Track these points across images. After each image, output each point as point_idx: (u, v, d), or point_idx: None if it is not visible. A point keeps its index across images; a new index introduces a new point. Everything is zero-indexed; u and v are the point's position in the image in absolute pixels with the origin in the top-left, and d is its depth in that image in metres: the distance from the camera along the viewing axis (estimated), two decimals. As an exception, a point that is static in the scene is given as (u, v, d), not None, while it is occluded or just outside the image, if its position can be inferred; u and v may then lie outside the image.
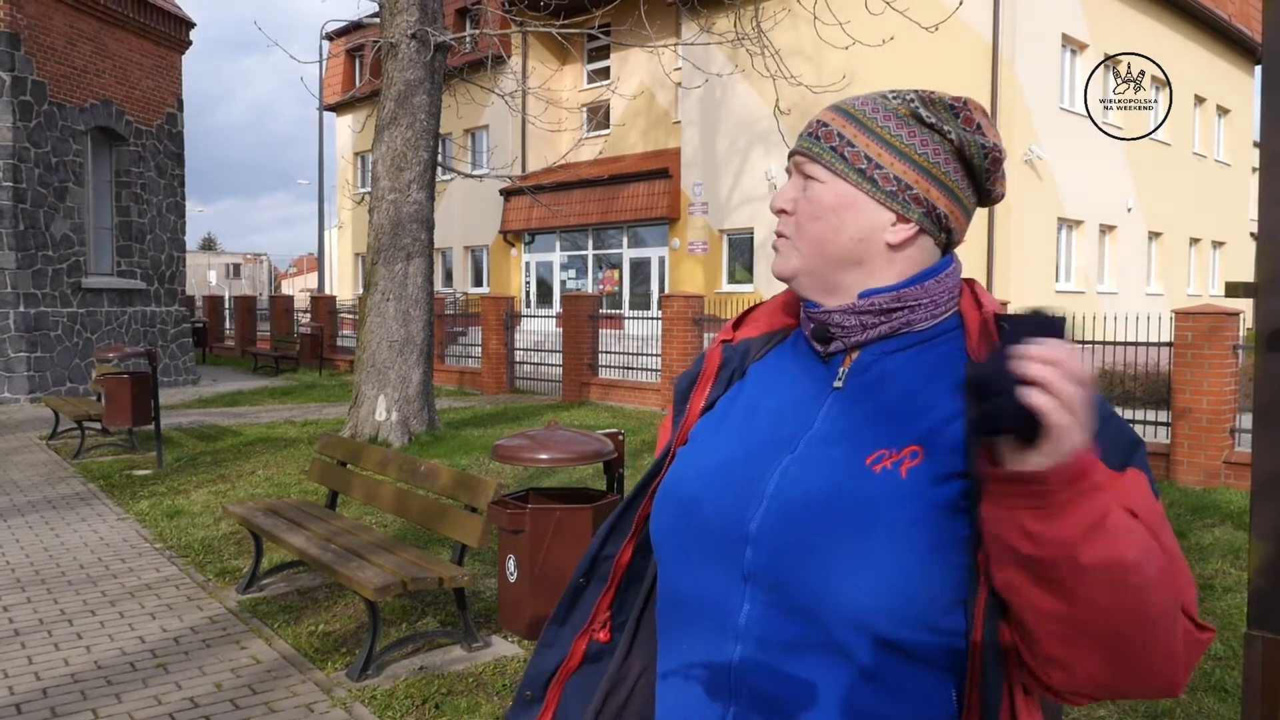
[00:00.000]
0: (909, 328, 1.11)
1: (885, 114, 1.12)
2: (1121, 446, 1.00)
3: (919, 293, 1.10)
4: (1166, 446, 8.62)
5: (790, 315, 1.24)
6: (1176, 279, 20.94)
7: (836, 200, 1.11)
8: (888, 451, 1.03)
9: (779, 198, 1.16)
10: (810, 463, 1.07)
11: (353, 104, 29.58)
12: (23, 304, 14.26)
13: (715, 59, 17.56)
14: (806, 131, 1.16)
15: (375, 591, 3.90)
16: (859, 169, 1.10)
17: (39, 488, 8.16)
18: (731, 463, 1.11)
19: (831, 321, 1.12)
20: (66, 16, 14.97)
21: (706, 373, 1.23)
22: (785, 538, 1.03)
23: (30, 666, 4.20)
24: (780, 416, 1.13)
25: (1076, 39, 17.23)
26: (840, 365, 1.13)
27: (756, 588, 1.04)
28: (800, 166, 1.15)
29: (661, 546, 1.16)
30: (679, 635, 1.12)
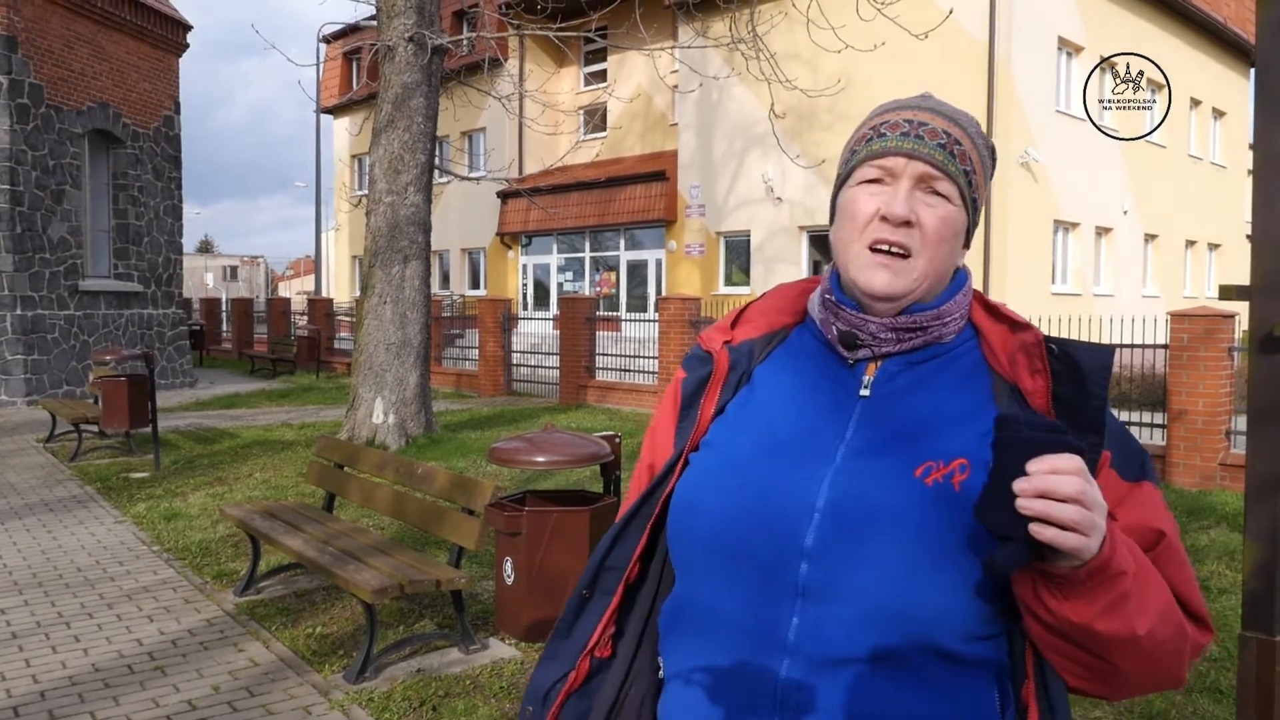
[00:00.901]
0: (938, 341, 1.12)
1: (984, 144, 1.14)
2: (1133, 461, 1.05)
3: (953, 308, 1.12)
4: (1162, 449, 8.64)
5: (788, 314, 1.23)
6: (1172, 281, 20.98)
7: (961, 227, 1.12)
8: (935, 464, 1.03)
9: (903, 205, 1.08)
10: (859, 475, 1.05)
11: (350, 107, 29.57)
12: (20, 306, 14.24)
13: (712, 62, 17.59)
14: (936, 141, 1.10)
15: (372, 594, 3.90)
16: (974, 199, 1.13)
17: (36, 490, 8.15)
18: (768, 473, 1.09)
19: (866, 330, 1.11)
20: (64, 19, 14.96)
21: (716, 376, 1.19)
22: (846, 552, 1.02)
23: (28, 670, 4.20)
24: (807, 424, 1.11)
25: (1072, 41, 17.27)
26: (864, 373, 1.12)
27: (810, 602, 1.03)
28: (931, 180, 1.09)
29: (685, 555, 1.13)
30: (703, 643, 1.09)
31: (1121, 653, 0.96)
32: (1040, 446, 0.88)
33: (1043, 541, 0.87)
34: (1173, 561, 1.03)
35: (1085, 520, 0.87)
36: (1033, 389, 1.05)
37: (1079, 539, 0.87)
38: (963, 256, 1.15)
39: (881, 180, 1.10)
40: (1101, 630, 0.93)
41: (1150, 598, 0.95)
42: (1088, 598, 0.92)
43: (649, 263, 22.46)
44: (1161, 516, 1.03)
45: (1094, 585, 0.91)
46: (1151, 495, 1.04)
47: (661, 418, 1.26)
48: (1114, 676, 0.99)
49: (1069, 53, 17.52)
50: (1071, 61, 17.59)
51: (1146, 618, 0.94)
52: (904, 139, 1.10)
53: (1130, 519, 1.02)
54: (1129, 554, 0.94)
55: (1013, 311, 1.13)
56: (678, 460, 1.17)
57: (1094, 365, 1.01)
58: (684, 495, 1.14)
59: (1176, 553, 1.04)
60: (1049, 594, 0.93)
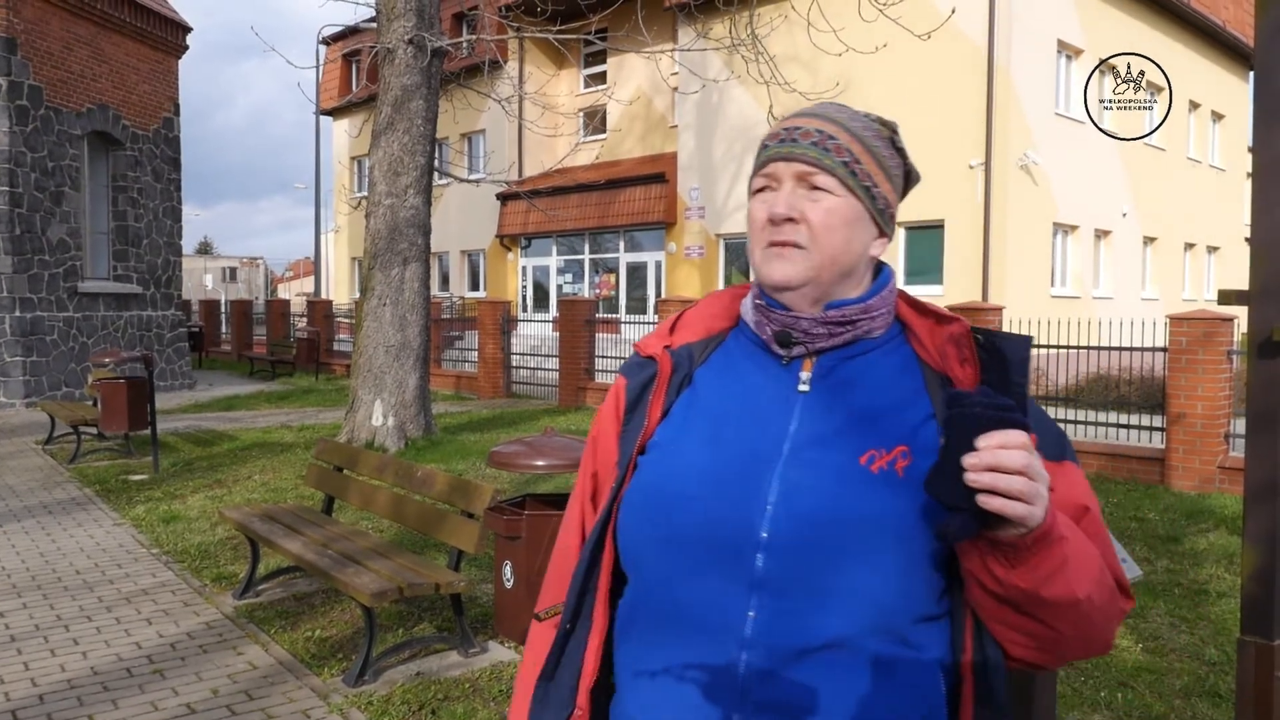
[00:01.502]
0: (868, 335, 1.18)
1: (875, 135, 1.19)
2: (1055, 442, 1.12)
3: (879, 303, 1.18)
4: (1161, 452, 8.64)
5: (724, 319, 1.27)
6: (1171, 284, 20.99)
7: (852, 215, 1.16)
8: (878, 452, 1.08)
9: (784, 205, 1.15)
10: (807, 466, 1.10)
11: (349, 109, 29.57)
12: (19, 308, 14.24)
13: (712, 64, 17.59)
14: (809, 141, 1.16)
15: (372, 597, 3.90)
16: (865, 186, 1.17)
17: (35, 493, 8.15)
18: (717, 470, 1.12)
19: (798, 328, 1.16)
20: (63, 21, 14.96)
21: (660, 379, 1.23)
22: (801, 543, 1.06)
23: (27, 673, 4.19)
24: (752, 420, 1.15)
25: (1071, 44, 17.28)
26: (801, 369, 1.17)
27: (766, 594, 1.06)
28: (808, 177, 1.15)
29: (638, 555, 1.15)
30: (662, 640, 1.12)
31: (1065, 618, 1.02)
32: (989, 423, 0.93)
33: (991, 511, 0.92)
34: (1096, 535, 1.10)
35: (1030, 490, 0.92)
36: (962, 378, 1.11)
37: (1025, 508, 0.92)
38: (878, 246, 1.19)
39: (769, 187, 1.18)
40: (1047, 595, 0.99)
41: (1087, 563, 1.02)
42: (1033, 564, 0.97)
43: (649, 265, 22.47)
44: (1085, 493, 1.11)
45: (1039, 551, 0.97)
46: (1074, 474, 1.11)
47: (603, 426, 1.28)
48: (1057, 643, 1.05)
49: (1068, 56, 17.53)
50: (1071, 64, 17.61)
51: (1086, 582, 1.01)
52: (780, 145, 1.17)
53: (1060, 496, 1.07)
54: (1067, 523, 1.01)
55: (937, 306, 1.19)
56: (628, 464, 1.19)
57: (1016, 355, 1.06)
58: (635, 497, 1.16)
59: (1099, 526, 1.11)
60: (996, 563, 0.99)
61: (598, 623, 1.19)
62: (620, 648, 1.18)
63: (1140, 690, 4.03)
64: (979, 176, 15.99)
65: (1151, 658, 4.40)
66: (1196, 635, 4.69)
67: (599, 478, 1.26)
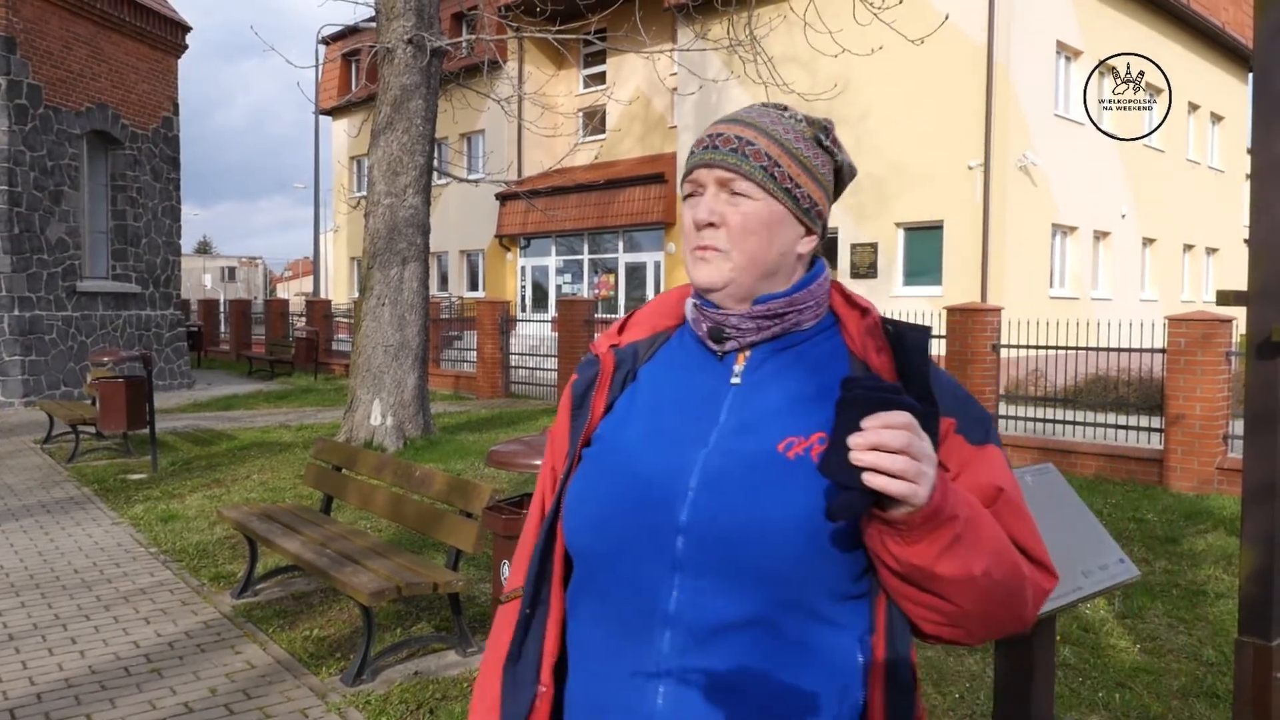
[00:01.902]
0: (797, 327, 1.24)
1: (797, 135, 1.24)
2: (978, 426, 1.18)
3: (806, 296, 1.23)
4: (1160, 453, 8.65)
5: (670, 318, 1.33)
6: (1170, 285, 21.00)
7: (771, 217, 1.21)
8: (796, 439, 1.14)
9: (705, 210, 1.21)
10: (728, 454, 1.15)
11: (349, 108, 29.57)
12: (17, 307, 14.23)
13: (711, 64, 17.60)
14: (729, 147, 1.21)
15: (370, 596, 3.90)
16: (785, 188, 1.22)
17: (33, 492, 8.14)
18: (649, 459, 1.18)
19: (729, 324, 1.22)
20: (63, 20, 14.96)
21: (603, 376, 1.29)
22: (716, 524, 1.11)
23: (24, 671, 4.19)
24: (686, 413, 1.21)
25: (1071, 45, 17.29)
26: (735, 363, 1.24)
27: (686, 575, 1.12)
28: (728, 183, 1.21)
29: (577, 541, 1.22)
30: (605, 619, 1.18)
31: (964, 593, 1.06)
32: (875, 405, 0.97)
33: (876, 489, 0.96)
34: (1013, 515, 1.15)
35: (912, 469, 0.96)
36: (879, 366, 1.17)
37: (908, 486, 0.96)
38: (805, 244, 1.24)
39: (695, 194, 1.24)
40: (942, 572, 1.04)
41: (984, 541, 1.06)
42: (926, 541, 1.02)
43: (647, 265, 22.47)
44: (1001, 475, 1.16)
45: (930, 529, 1.01)
46: (994, 456, 1.17)
47: (559, 421, 1.35)
48: (964, 619, 1.09)
49: (1067, 57, 17.54)
50: (1070, 66, 17.62)
51: (981, 558, 1.05)
52: (703, 152, 1.23)
53: (976, 478, 1.14)
54: (963, 503, 1.04)
55: (861, 298, 1.25)
56: (574, 456, 1.26)
57: (916, 343, 1.14)
58: (575, 487, 1.23)
59: (1017, 506, 1.16)
60: (893, 541, 1.03)
61: (554, 606, 1.25)
62: (569, 628, 1.24)
63: (1138, 691, 4.03)
64: (978, 177, 16.00)
65: (1149, 658, 4.40)
66: (1194, 636, 4.69)
67: (556, 471, 1.32)
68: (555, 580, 1.25)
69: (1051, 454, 9.22)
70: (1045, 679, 2.23)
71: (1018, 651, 2.20)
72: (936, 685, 4.07)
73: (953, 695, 3.97)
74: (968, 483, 1.13)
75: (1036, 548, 1.17)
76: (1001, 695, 2.24)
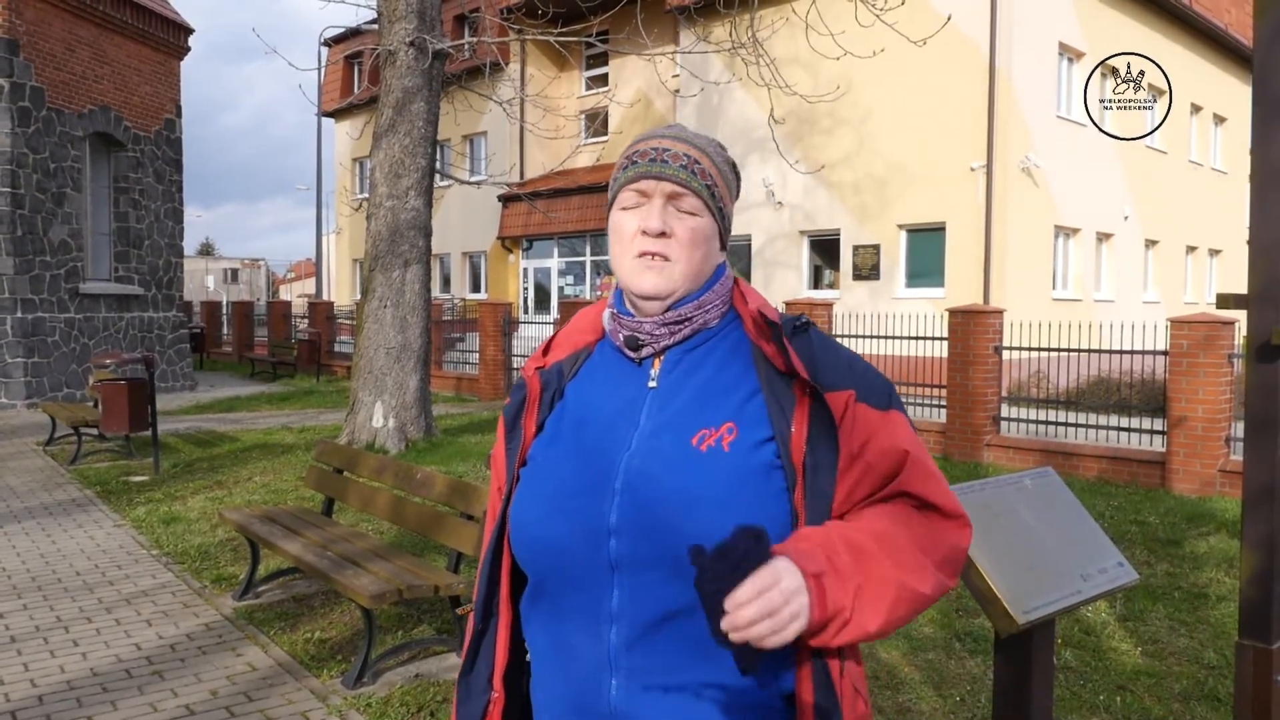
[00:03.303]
0: (705, 326, 1.31)
1: (724, 160, 1.36)
2: (880, 393, 1.26)
3: (712, 296, 1.32)
4: (1162, 455, 8.64)
5: (589, 333, 1.40)
6: (1173, 287, 20.97)
7: (710, 234, 1.31)
8: (707, 431, 1.22)
9: (657, 219, 1.28)
10: (647, 454, 1.23)
11: (351, 110, 29.60)
12: (20, 309, 14.25)
13: (713, 67, 17.60)
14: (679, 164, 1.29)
15: (370, 599, 3.90)
16: (719, 208, 1.32)
17: (35, 494, 8.15)
18: (578, 469, 1.25)
19: (644, 331, 1.30)
20: (65, 23, 14.99)
21: (531, 398, 1.35)
22: (641, 522, 1.19)
23: (26, 674, 4.19)
24: (610, 421, 1.28)
25: (1073, 47, 17.28)
26: (651, 367, 1.31)
27: (623, 574, 1.20)
28: (678, 198, 1.28)
29: (525, 554, 1.29)
30: (558, 621, 1.26)
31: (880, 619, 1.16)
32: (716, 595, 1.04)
33: None
34: (921, 475, 1.24)
35: (774, 626, 1.05)
36: (772, 353, 1.26)
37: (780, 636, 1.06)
38: (721, 257, 1.35)
39: (639, 204, 1.30)
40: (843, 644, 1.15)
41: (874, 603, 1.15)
42: (830, 632, 1.13)
43: (649, 267, 22.46)
44: (906, 439, 1.24)
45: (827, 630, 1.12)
46: (898, 421, 1.25)
47: (498, 445, 1.41)
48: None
49: (1069, 58, 17.53)
50: (1072, 67, 17.60)
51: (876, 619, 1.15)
52: (652, 164, 1.29)
53: (881, 444, 1.22)
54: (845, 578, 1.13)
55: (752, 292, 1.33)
56: (513, 478, 1.33)
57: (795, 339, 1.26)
58: (514, 508, 1.31)
59: (923, 465, 1.24)
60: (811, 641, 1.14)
61: (503, 617, 1.33)
62: (527, 634, 1.32)
63: (1139, 694, 4.03)
64: (980, 179, 15.99)
65: (1151, 661, 4.39)
66: (1196, 639, 4.69)
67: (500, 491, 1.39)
68: (503, 593, 1.32)
69: (1053, 456, 9.21)
70: (1045, 682, 2.23)
71: (1018, 654, 2.19)
72: (937, 688, 4.06)
73: (953, 698, 3.97)
74: (876, 448, 1.22)
75: (948, 502, 1.24)
76: (1001, 698, 2.24)
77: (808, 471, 1.20)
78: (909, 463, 1.23)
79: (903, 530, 1.21)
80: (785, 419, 1.22)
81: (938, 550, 1.22)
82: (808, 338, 1.28)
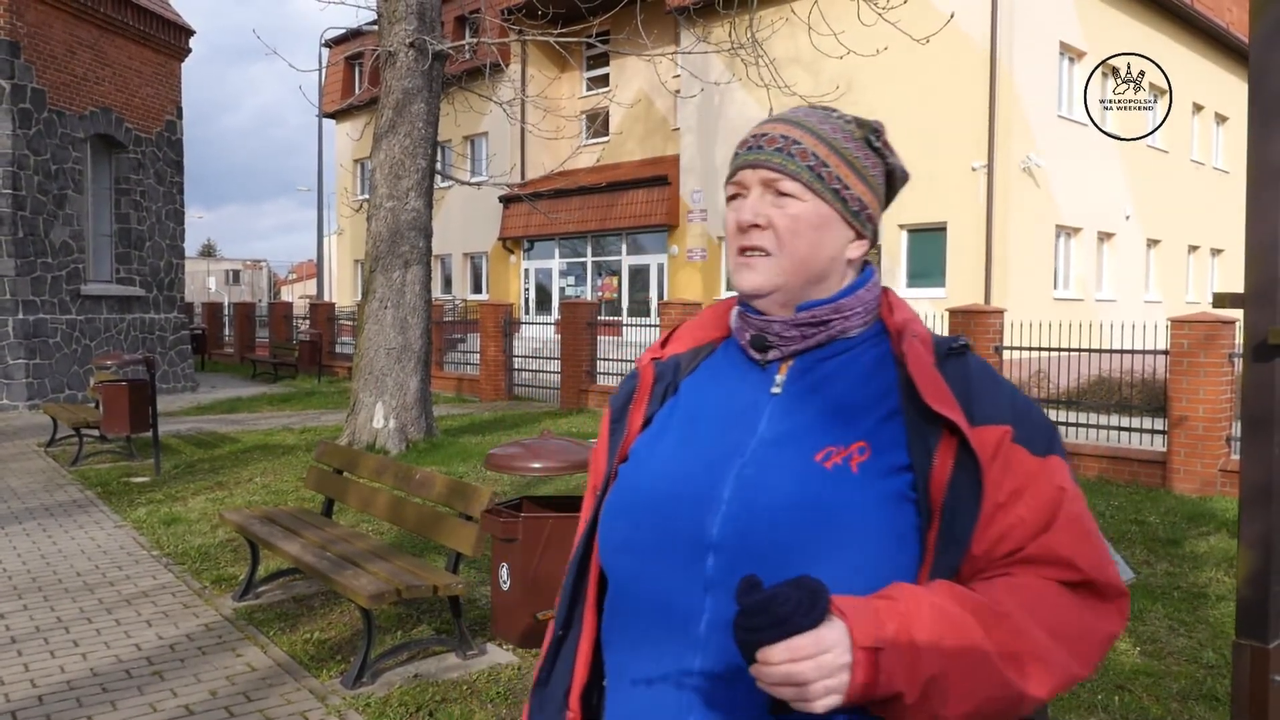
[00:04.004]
0: (843, 335, 1.18)
1: (845, 136, 1.20)
2: (1040, 435, 1.11)
3: (853, 302, 1.18)
4: (1163, 454, 8.63)
5: (715, 329, 1.29)
6: (1175, 286, 20.96)
7: (819, 219, 1.16)
8: (835, 449, 1.09)
9: (749, 211, 1.17)
10: (763, 465, 1.10)
11: (352, 111, 29.62)
12: (22, 311, 14.27)
13: (714, 67, 17.61)
14: (773, 147, 1.17)
15: (369, 599, 3.91)
16: (834, 189, 1.17)
17: (37, 495, 8.16)
18: (682, 472, 1.14)
19: (772, 332, 1.18)
20: (66, 24, 15.01)
21: (642, 389, 1.25)
22: (748, 541, 1.06)
23: (26, 674, 4.20)
24: (723, 424, 1.17)
25: (1074, 47, 17.28)
26: (777, 372, 1.19)
27: (716, 597, 1.06)
28: (774, 183, 1.16)
29: (610, 560, 1.18)
30: (637, 643, 1.13)
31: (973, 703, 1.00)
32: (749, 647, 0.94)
33: None
34: (1073, 537, 1.07)
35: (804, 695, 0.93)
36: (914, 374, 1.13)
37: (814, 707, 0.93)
38: (855, 248, 1.20)
39: (739, 195, 1.20)
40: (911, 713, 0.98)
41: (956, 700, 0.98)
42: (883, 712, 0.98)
43: (651, 267, 22.48)
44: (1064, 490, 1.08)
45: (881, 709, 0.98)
46: (1058, 470, 1.09)
47: (600, 438, 1.30)
48: None
49: (1071, 58, 17.52)
50: (1073, 67, 17.60)
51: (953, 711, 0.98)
52: (748, 153, 1.19)
53: (1035, 496, 1.07)
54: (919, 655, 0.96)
55: (904, 305, 1.21)
56: (611, 473, 1.23)
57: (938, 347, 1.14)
58: (609, 504, 1.19)
59: (1079, 525, 1.08)
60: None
61: (587, 628, 1.21)
62: (605, 651, 1.20)
63: (1138, 693, 4.03)
64: (981, 179, 15.99)
65: (1149, 660, 4.39)
66: (1195, 638, 4.68)
67: (595, 489, 1.29)
68: (589, 602, 1.21)
69: (1054, 456, 9.20)
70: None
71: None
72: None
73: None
74: (1027, 500, 1.06)
75: (1103, 575, 1.07)
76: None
77: (945, 514, 1.05)
78: (1062, 519, 1.07)
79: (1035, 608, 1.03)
80: (927, 450, 1.07)
81: (1077, 638, 1.04)
82: (964, 362, 1.14)
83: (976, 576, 1.07)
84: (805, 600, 0.92)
